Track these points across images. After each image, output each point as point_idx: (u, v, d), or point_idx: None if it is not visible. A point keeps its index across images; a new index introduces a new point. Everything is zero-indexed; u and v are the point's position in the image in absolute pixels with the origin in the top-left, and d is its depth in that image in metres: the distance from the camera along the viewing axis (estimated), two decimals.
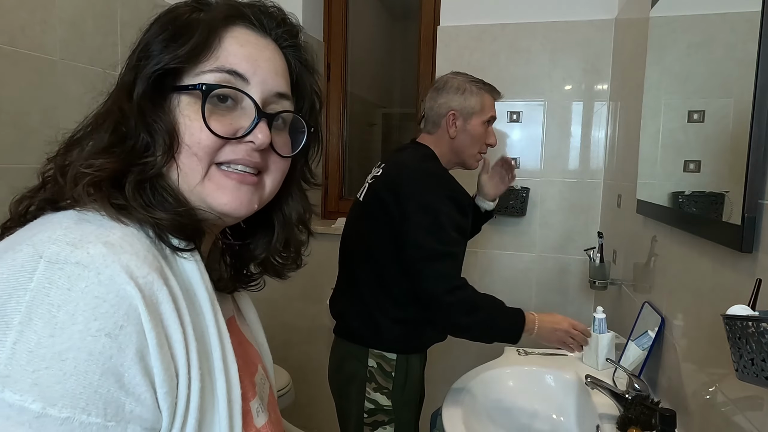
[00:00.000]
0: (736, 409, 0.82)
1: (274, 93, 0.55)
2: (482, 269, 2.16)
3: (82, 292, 0.40)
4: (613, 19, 1.94)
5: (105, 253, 0.42)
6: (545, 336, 1.33)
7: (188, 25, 0.52)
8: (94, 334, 0.40)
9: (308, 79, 0.62)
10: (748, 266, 0.79)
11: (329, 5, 2.43)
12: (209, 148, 0.51)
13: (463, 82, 1.44)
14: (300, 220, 0.66)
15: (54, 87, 1.40)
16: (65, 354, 0.39)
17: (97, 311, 0.40)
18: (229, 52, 0.53)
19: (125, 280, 0.42)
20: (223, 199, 0.53)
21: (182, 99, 0.52)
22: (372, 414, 1.36)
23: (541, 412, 1.39)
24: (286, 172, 0.60)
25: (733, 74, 0.90)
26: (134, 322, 0.42)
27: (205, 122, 0.50)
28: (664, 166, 1.22)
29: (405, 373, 1.37)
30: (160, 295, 0.44)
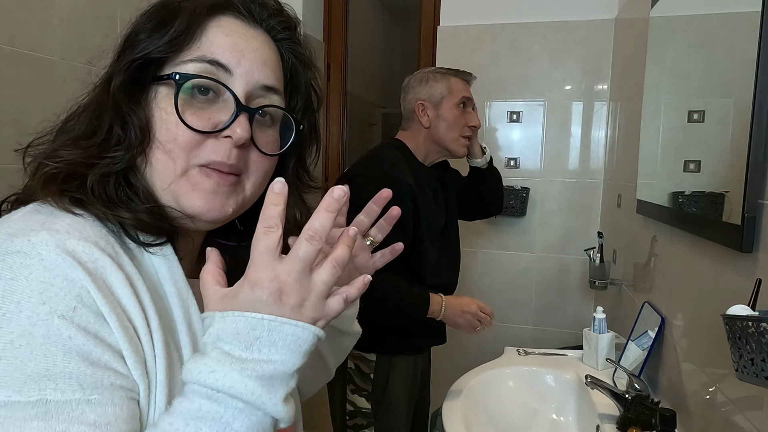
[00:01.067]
0: (736, 409, 0.82)
1: (259, 86, 0.52)
2: (482, 269, 2.16)
3: (26, 279, 0.39)
4: (613, 19, 1.94)
5: (48, 239, 0.41)
6: (452, 319, 1.32)
7: (174, 13, 0.50)
8: (45, 318, 0.38)
9: (304, 74, 0.59)
10: (748, 266, 0.79)
11: (329, 5, 2.43)
12: (186, 145, 0.48)
13: (425, 73, 1.44)
14: (295, 225, 0.61)
15: (54, 87, 1.40)
16: (18, 341, 0.38)
17: (45, 295, 0.39)
18: (213, 41, 0.50)
19: (71, 264, 0.40)
20: (196, 200, 0.50)
21: (159, 90, 0.49)
22: (352, 417, 1.36)
23: (541, 412, 1.39)
24: (270, 172, 0.56)
25: (733, 74, 0.90)
26: (87, 303, 0.40)
27: (179, 114, 0.47)
28: (664, 166, 1.22)
29: (386, 375, 1.34)
30: (113, 279, 0.43)
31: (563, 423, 1.36)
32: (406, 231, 1.31)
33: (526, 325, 2.14)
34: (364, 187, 1.29)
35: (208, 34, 0.50)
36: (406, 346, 1.40)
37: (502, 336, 2.15)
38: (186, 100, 0.49)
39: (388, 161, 1.35)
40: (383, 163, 1.34)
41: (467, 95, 1.44)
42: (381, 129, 3.64)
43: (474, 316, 1.34)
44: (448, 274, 1.51)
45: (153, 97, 0.50)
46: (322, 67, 2.45)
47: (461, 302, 1.34)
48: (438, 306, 1.30)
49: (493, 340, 2.15)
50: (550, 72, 2.03)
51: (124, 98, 0.48)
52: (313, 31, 2.36)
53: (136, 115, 0.48)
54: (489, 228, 2.15)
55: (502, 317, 2.16)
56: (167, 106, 0.48)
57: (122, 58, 0.50)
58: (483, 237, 2.16)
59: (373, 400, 1.34)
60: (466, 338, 2.18)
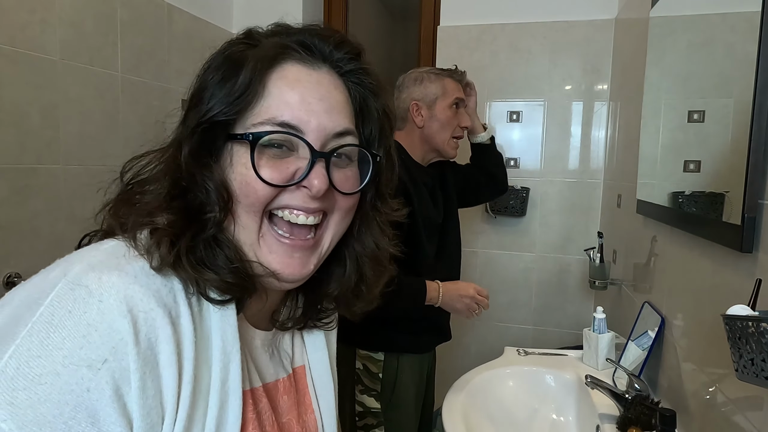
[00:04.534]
0: (736, 409, 0.82)
1: (332, 135, 0.51)
2: (482, 269, 2.16)
3: (80, 317, 0.40)
4: (613, 19, 1.94)
5: (114, 281, 0.42)
6: (451, 304, 1.34)
7: (238, 66, 0.49)
8: (76, 363, 0.39)
9: (374, 102, 0.57)
10: (748, 266, 0.79)
11: (329, 5, 2.43)
12: (264, 198, 0.49)
13: (420, 73, 1.45)
14: (372, 256, 0.60)
15: (54, 87, 1.40)
16: (44, 378, 0.38)
17: (86, 339, 0.39)
18: (279, 98, 0.49)
19: (122, 313, 0.41)
20: (275, 265, 0.51)
21: (235, 148, 0.49)
22: (362, 417, 1.36)
23: (541, 412, 1.39)
24: (354, 207, 0.56)
25: (733, 74, 0.90)
26: (120, 357, 0.40)
27: (256, 171, 0.48)
28: (664, 166, 1.22)
29: (395, 374, 1.34)
30: (160, 333, 0.42)
31: (563, 423, 1.36)
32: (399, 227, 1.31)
33: (526, 325, 2.14)
34: None
35: (273, 89, 0.50)
36: (413, 345, 1.40)
37: (502, 336, 2.15)
38: (261, 154, 0.49)
39: None
40: None
41: (460, 96, 1.46)
42: None
43: (472, 300, 1.36)
44: (446, 272, 1.51)
45: (229, 155, 0.50)
46: None
47: (458, 287, 1.37)
48: (435, 292, 1.32)
49: (493, 340, 2.16)
50: (550, 72, 2.03)
51: (195, 164, 0.49)
52: None
53: (212, 179, 0.49)
54: (489, 228, 2.15)
55: (502, 317, 2.16)
56: (246, 162, 0.48)
57: (189, 119, 0.50)
58: (483, 237, 2.16)
59: (382, 399, 1.35)
60: (466, 338, 2.18)
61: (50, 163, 1.39)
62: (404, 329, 1.37)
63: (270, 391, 0.57)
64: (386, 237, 0.61)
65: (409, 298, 1.31)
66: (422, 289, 1.31)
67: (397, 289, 1.27)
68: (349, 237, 0.59)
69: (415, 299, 1.31)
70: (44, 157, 1.38)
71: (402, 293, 1.30)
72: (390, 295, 1.26)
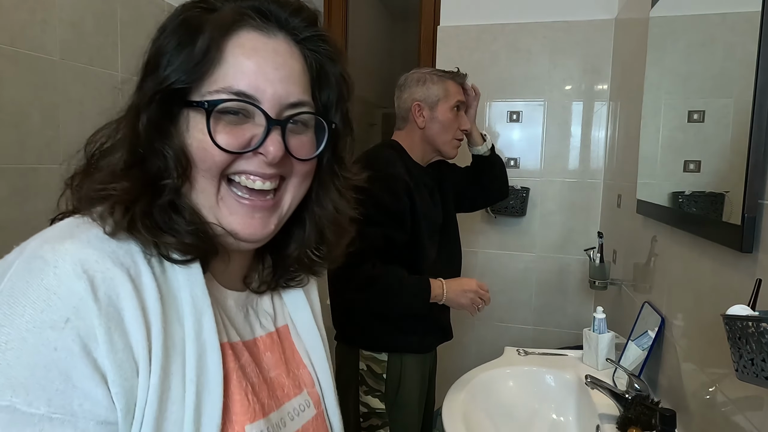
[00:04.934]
0: (736, 409, 0.82)
1: (287, 104, 0.52)
2: (482, 269, 2.16)
3: (38, 285, 0.41)
4: (613, 19, 1.94)
5: (68, 248, 0.43)
6: (456, 300, 1.35)
7: (194, 33, 0.49)
8: (39, 326, 0.40)
9: (332, 68, 0.57)
10: (748, 266, 0.79)
11: (329, 5, 2.43)
12: (221, 163, 0.50)
13: (423, 74, 1.45)
14: (332, 218, 0.62)
15: (54, 87, 1.40)
16: (10, 344, 0.39)
17: (46, 304, 0.40)
18: (236, 68, 0.49)
19: (78, 274, 0.42)
20: (236, 225, 0.52)
21: (192, 115, 0.50)
22: (366, 418, 1.36)
23: (541, 412, 1.39)
24: (310, 173, 0.57)
25: (733, 74, 0.90)
26: (82, 316, 0.41)
27: (212, 138, 0.48)
28: (664, 166, 1.22)
29: (398, 374, 1.35)
30: (120, 291, 0.43)
31: (563, 423, 1.36)
32: (403, 225, 1.32)
33: (526, 325, 2.14)
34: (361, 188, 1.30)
35: (230, 58, 0.50)
36: (416, 345, 1.41)
37: (502, 336, 2.15)
38: (218, 120, 0.49)
39: (383, 160, 1.37)
40: (378, 163, 1.35)
41: (462, 99, 1.47)
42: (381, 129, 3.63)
43: (475, 294, 1.37)
44: (447, 271, 1.51)
45: (186, 121, 0.50)
46: None
47: (461, 282, 1.38)
48: (440, 289, 1.33)
49: (493, 340, 2.16)
50: (550, 72, 2.03)
51: (154, 132, 0.49)
52: None
53: (171, 146, 0.49)
54: (489, 228, 2.15)
55: (502, 317, 2.16)
56: (204, 128, 0.49)
57: (146, 85, 0.50)
58: (483, 237, 2.16)
59: (386, 400, 1.35)
60: (466, 338, 2.18)
61: (50, 163, 1.39)
62: (407, 329, 1.37)
63: (250, 347, 0.58)
64: (345, 200, 0.63)
65: (415, 297, 1.31)
66: (427, 287, 1.32)
67: (401, 289, 1.29)
68: (308, 200, 0.60)
69: (421, 297, 1.31)
70: (44, 157, 1.38)
71: (406, 292, 1.31)
72: (394, 296, 1.28)
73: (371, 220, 1.26)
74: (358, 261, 1.25)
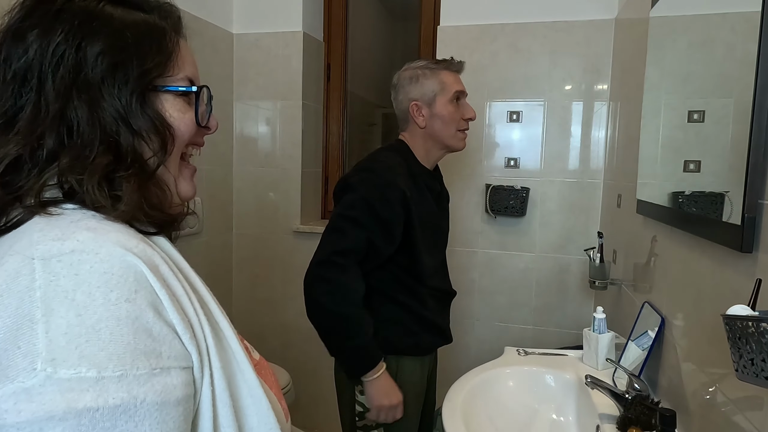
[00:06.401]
0: (736, 409, 0.82)
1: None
2: (482, 269, 2.16)
3: (89, 272, 0.44)
4: (613, 19, 1.94)
5: (93, 236, 0.47)
6: (375, 393, 1.27)
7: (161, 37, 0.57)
8: (116, 303, 0.44)
9: None
10: (748, 266, 0.79)
11: (329, 5, 2.43)
12: (189, 137, 0.61)
13: (414, 70, 1.39)
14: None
15: None
16: (97, 325, 0.43)
17: (110, 284, 0.45)
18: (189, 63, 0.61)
19: (123, 252, 0.46)
20: (188, 188, 0.63)
21: (164, 97, 0.57)
22: (362, 417, 1.35)
23: (541, 412, 1.39)
24: None
25: (733, 74, 0.90)
26: (144, 285, 0.46)
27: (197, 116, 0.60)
28: (664, 166, 1.22)
29: (393, 376, 1.32)
30: (156, 260, 0.49)
31: (563, 423, 1.36)
32: (390, 236, 1.29)
33: (526, 325, 2.14)
34: (355, 188, 1.29)
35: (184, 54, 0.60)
36: (413, 347, 1.39)
37: (502, 336, 2.15)
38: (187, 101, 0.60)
39: (384, 164, 1.33)
40: (378, 166, 1.32)
41: (460, 88, 1.40)
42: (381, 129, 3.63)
43: (390, 408, 1.29)
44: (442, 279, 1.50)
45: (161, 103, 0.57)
46: (323, 66, 2.45)
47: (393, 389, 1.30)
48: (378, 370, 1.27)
49: (493, 340, 2.16)
50: (550, 72, 2.03)
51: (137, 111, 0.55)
52: (313, 31, 2.36)
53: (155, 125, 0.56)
54: (489, 228, 2.15)
55: (502, 317, 2.16)
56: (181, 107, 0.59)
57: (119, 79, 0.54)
58: (483, 237, 2.16)
59: None
60: (466, 338, 2.18)
61: None
62: (404, 332, 1.36)
63: None
64: None
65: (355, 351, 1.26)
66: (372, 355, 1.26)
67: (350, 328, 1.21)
68: None
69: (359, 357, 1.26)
70: None
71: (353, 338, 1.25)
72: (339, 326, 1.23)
73: (357, 221, 1.25)
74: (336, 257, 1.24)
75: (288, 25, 2.24)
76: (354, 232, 1.25)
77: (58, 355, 0.42)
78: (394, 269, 1.34)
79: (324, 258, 1.25)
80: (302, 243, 2.31)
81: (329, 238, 1.27)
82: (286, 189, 2.33)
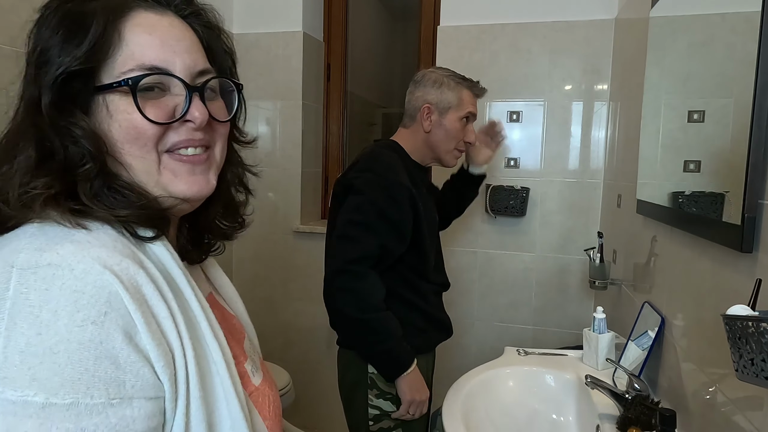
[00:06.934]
0: (736, 409, 0.82)
1: (196, 72, 0.54)
2: (482, 269, 2.16)
3: (60, 289, 0.42)
4: (613, 19, 1.94)
5: (74, 250, 0.44)
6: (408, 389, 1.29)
7: (82, 19, 0.49)
8: (80, 324, 0.42)
9: (216, 41, 0.61)
10: (748, 266, 0.79)
11: (329, 5, 2.43)
12: (154, 137, 0.51)
13: (441, 76, 1.41)
14: (237, 181, 0.66)
15: None
16: (56, 347, 0.41)
17: (79, 303, 0.42)
18: (141, 45, 0.51)
19: (100, 270, 0.43)
20: (182, 186, 0.54)
21: (110, 98, 0.50)
22: (377, 420, 1.35)
23: (541, 412, 1.39)
24: (227, 134, 0.61)
25: (733, 74, 0.90)
26: (117, 307, 0.43)
27: (141, 113, 0.50)
28: (664, 166, 1.22)
29: None
30: (138, 278, 0.46)
31: (563, 423, 1.36)
32: (402, 237, 1.30)
33: (526, 325, 2.14)
34: (360, 191, 1.29)
35: (130, 36, 0.51)
36: (423, 344, 1.40)
37: (502, 336, 2.15)
38: (141, 98, 0.50)
39: (385, 164, 1.33)
40: (380, 166, 1.32)
41: (473, 111, 1.43)
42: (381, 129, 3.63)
43: (420, 404, 1.31)
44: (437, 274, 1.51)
45: (104, 107, 0.50)
46: (323, 66, 2.45)
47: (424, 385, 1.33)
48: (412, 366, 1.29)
49: (493, 340, 2.16)
50: (550, 72, 2.03)
51: (59, 116, 0.49)
52: (313, 31, 2.36)
53: (81, 128, 0.49)
54: (489, 228, 2.15)
55: (502, 317, 2.16)
56: (126, 107, 0.50)
57: (39, 77, 0.50)
58: (483, 237, 2.16)
59: (398, 402, 1.33)
60: (466, 338, 2.18)
61: None
62: (413, 330, 1.35)
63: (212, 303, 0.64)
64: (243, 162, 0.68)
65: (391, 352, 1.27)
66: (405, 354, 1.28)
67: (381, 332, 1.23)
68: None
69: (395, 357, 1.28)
70: None
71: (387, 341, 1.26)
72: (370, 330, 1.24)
73: (370, 227, 1.25)
74: (351, 266, 1.24)
75: (288, 25, 2.24)
76: (366, 237, 1.25)
77: (9, 373, 0.40)
78: (401, 267, 1.35)
79: (339, 267, 1.25)
80: (302, 243, 2.31)
81: (341, 246, 1.27)
82: (286, 189, 2.33)
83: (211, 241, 0.69)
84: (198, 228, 0.66)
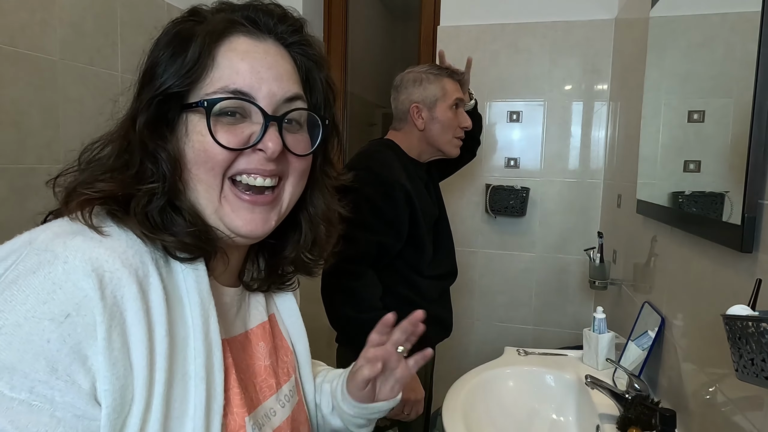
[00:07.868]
0: (736, 409, 0.82)
1: (282, 100, 0.54)
2: (482, 269, 2.16)
3: (44, 276, 0.42)
4: (613, 19, 1.94)
5: (79, 245, 0.44)
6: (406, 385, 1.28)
7: (188, 41, 0.51)
8: (39, 317, 0.41)
9: (318, 73, 0.60)
10: (748, 266, 0.79)
11: (329, 5, 2.43)
12: (223, 161, 0.51)
13: (419, 74, 1.43)
14: (324, 218, 0.65)
15: (54, 87, 1.40)
16: (5, 329, 0.40)
17: (50, 296, 0.41)
18: (230, 69, 0.52)
19: (87, 272, 0.42)
20: (238, 222, 0.53)
21: (191, 117, 0.52)
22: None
23: (541, 412, 1.39)
24: (306, 171, 0.59)
25: (733, 74, 0.90)
26: (84, 313, 0.42)
27: (212, 136, 0.50)
28: (664, 166, 1.22)
29: None
30: (126, 292, 0.44)
31: (563, 423, 1.36)
32: (399, 234, 1.31)
33: (526, 325, 2.14)
34: (356, 189, 1.29)
35: (222, 61, 0.52)
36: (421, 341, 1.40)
37: (502, 336, 2.15)
38: (216, 122, 0.51)
39: (380, 162, 1.34)
40: (375, 164, 1.33)
41: (460, 96, 1.45)
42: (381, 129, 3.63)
43: (416, 403, 1.30)
44: (447, 263, 1.51)
45: (185, 126, 0.52)
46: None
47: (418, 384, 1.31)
48: None
49: (493, 340, 2.16)
50: (550, 72, 2.03)
51: (150, 135, 0.50)
52: (313, 31, 2.36)
53: (165, 149, 0.51)
54: (489, 228, 2.15)
55: (502, 317, 2.16)
56: (202, 129, 0.51)
57: (143, 94, 0.52)
58: (483, 237, 2.16)
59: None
60: (466, 338, 2.18)
61: (50, 162, 1.39)
62: None
63: (242, 342, 0.61)
64: (334, 199, 0.66)
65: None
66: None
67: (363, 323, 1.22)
68: (302, 202, 0.62)
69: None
70: (44, 156, 1.38)
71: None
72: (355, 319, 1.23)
73: (366, 226, 1.25)
74: (348, 265, 1.24)
75: None
76: (362, 237, 1.25)
77: None
78: (398, 264, 1.35)
79: (335, 268, 1.25)
80: None
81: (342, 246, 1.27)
82: None
83: (287, 274, 0.68)
84: (276, 257, 0.66)
